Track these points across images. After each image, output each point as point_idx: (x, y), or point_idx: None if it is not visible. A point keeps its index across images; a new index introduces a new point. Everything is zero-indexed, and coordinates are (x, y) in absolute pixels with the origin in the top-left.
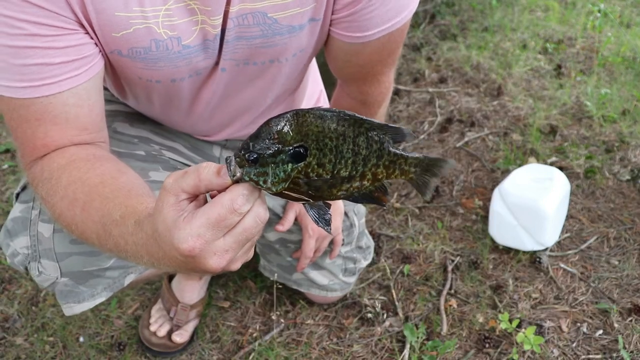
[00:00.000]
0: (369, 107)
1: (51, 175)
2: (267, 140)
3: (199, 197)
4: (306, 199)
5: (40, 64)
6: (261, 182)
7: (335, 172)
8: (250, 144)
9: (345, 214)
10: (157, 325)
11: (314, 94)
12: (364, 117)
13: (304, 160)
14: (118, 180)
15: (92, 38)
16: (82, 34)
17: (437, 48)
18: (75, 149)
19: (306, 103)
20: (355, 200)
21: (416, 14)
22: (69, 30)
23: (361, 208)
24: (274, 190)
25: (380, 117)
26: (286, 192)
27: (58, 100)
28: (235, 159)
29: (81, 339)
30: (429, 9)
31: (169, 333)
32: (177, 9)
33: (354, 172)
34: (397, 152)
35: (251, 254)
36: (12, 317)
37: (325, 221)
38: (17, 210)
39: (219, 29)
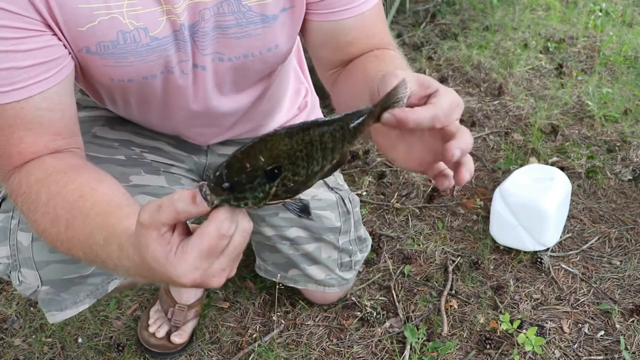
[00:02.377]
0: (385, 47)
1: (30, 190)
2: (241, 169)
3: (179, 224)
4: (284, 201)
5: (7, 69)
6: (242, 205)
7: (310, 172)
8: (223, 174)
9: (342, 199)
10: (156, 326)
11: (299, 91)
12: (325, 118)
13: (279, 176)
14: (97, 192)
15: (60, 39)
16: (50, 36)
17: (438, 47)
18: (51, 160)
19: (291, 101)
20: (326, 175)
21: (417, 13)
22: (35, 31)
23: (355, 197)
24: (256, 208)
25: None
26: (266, 204)
27: (29, 105)
28: (209, 188)
29: (80, 340)
30: (430, 8)
31: (168, 334)
32: None
33: (325, 162)
34: (356, 123)
35: (240, 258)
36: (10, 317)
37: (306, 210)
38: None
39: (183, 17)
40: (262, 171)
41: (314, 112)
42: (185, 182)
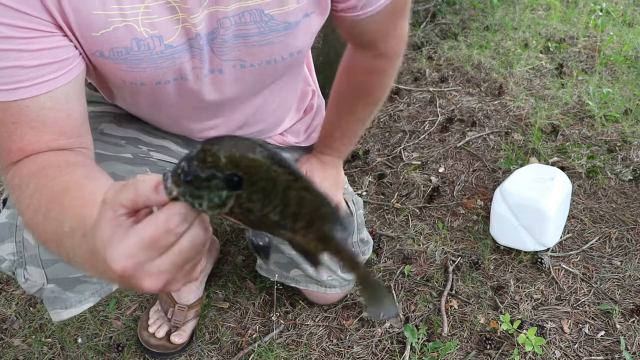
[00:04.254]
0: (389, 58)
1: (21, 182)
2: (202, 163)
3: (139, 212)
4: (244, 224)
5: (14, 67)
6: (197, 205)
7: (265, 212)
8: (185, 164)
9: (345, 201)
10: (156, 326)
11: (307, 93)
12: (302, 175)
13: (238, 189)
14: (85, 188)
15: (71, 41)
16: (60, 37)
17: (438, 47)
18: (48, 155)
19: (298, 103)
20: (296, 250)
21: (417, 12)
22: (45, 32)
23: (359, 199)
24: (210, 214)
25: (396, 68)
26: (225, 216)
27: (34, 103)
28: (171, 177)
29: (79, 340)
30: (430, 7)
31: (168, 334)
32: (157, 6)
33: (284, 222)
34: (331, 234)
35: (195, 275)
36: (9, 318)
37: (265, 250)
38: (3, 216)
39: (200, 27)
40: (221, 173)
41: (319, 115)
42: None
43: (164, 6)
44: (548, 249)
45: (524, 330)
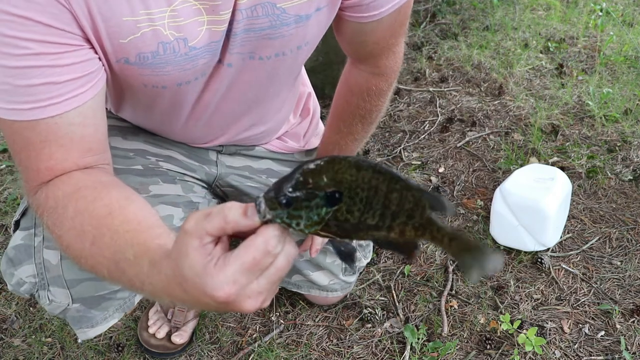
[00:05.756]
0: (386, 76)
1: (57, 204)
2: (302, 184)
3: (223, 239)
4: (332, 236)
5: (46, 83)
6: (294, 225)
7: (363, 219)
8: (284, 186)
9: None
10: (156, 327)
11: (302, 95)
12: (401, 176)
13: (337, 204)
14: (126, 210)
15: (96, 53)
16: (87, 49)
17: (438, 47)
18: (80, 175)
19: (296, 105)
20: (382, 246)
21: (417, 12)
22: (75, 46)
23: None
24: (306, 232)
25: (392, 88)
26: (317, 232)
27: (64, 120)
28: (265, 201)
29: (79, 340)
30: (430, 7)
31: (168, 334)
32: (183, 9)
33: (381, 224)
34: (431, 218)
35: (277, 289)
36: (9, 318)
37: (351, 257)
38: (18, 237)
39: (226, 24)
40: (323, 192)
41: (315, 118)
42: (197, 189)
43: (189, 8)
44: (548, 249)
45: (524, 330)
